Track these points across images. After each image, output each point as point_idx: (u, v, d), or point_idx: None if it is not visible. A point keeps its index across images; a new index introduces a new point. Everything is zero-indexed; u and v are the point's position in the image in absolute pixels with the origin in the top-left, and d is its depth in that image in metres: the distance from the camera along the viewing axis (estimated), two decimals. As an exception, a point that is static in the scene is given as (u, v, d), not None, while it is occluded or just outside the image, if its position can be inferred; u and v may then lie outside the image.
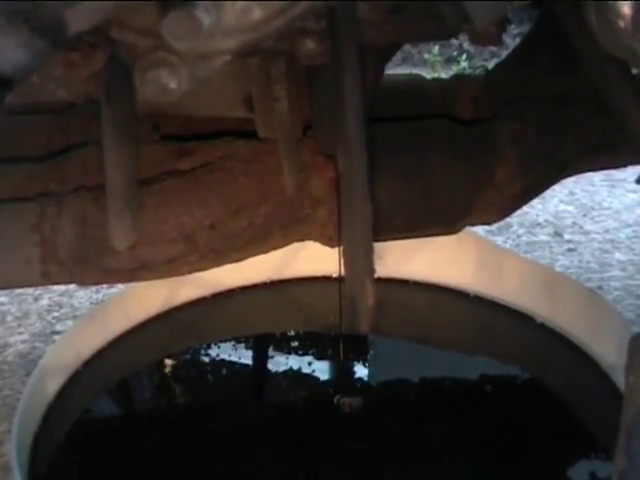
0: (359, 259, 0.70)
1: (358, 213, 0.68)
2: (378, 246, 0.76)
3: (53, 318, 1.60)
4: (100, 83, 0.71)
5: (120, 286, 1.43)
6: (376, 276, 0.70)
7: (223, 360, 1.16)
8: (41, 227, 0.85)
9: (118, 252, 0.86)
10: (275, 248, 0.93)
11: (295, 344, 1.19)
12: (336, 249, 0.95)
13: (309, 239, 0.94)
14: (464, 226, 0.97)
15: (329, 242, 0.93)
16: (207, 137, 0.90)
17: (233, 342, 1.21)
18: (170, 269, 0.89)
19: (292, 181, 0.86)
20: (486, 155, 0.93)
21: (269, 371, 1.14)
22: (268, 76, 0.73)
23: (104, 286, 1.65)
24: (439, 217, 0.94)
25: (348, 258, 0.72)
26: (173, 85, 0.54)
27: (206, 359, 1.16)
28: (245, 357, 1.18)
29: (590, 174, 1.93)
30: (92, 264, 0.87)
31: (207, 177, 0.88)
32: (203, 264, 0.90)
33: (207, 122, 0.90)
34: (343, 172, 0.67)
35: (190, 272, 0.91)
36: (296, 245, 1.07)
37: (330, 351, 1.17)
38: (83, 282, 0.91)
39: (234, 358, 1.17)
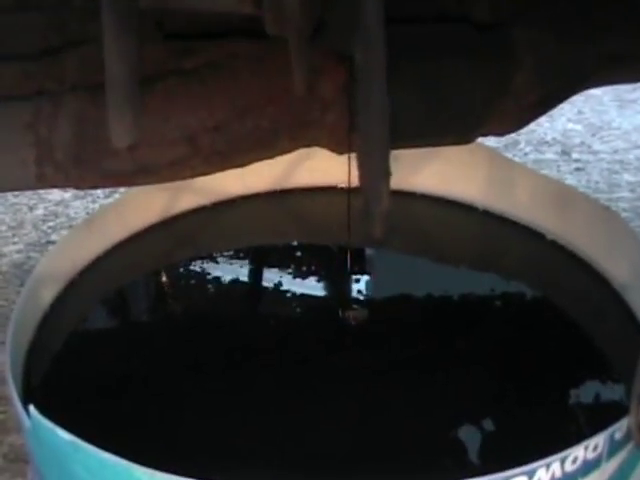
0: (374, 159, 0.67)
1: (376, 108, 0.65)
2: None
3: (48, 228, 1.57)
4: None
5: (117, 197, 1.40)
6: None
7: (223, 271, 1.13)
8: (36, 127, 0.82)
9: (118, 154, 0.82)
10: (282, 153, 0.89)
11: (298, 255, 1.16)
12: (343, 159, 0.93)
13: (317, 144, 0.90)
14: (478, 136, 0.94)
15: (337, 148, 0.90)
16: (212, 36, 0.86)
17: (234, 252, 1.17)
18: (172, 172, 0.85)
19: (301, 81, 0.82)
20: (503, 62, 0.89)
21: (271, 283, 1.11)
22: (277, -33, 0.69)
23: (101, 196, 1.63)
24: (452, 125, 0.90)
25: (362, 158, 0.69)
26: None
27: (206, 269, 1.13)
28: (246, 268, 1.15)
29: (599, 94, 1.92)
30: (90, 166, 0.83)
31: (212, 77, 0.84)
32: (206, 168, 0.86)
33: (212, 21, 0.86)
34: (360, 65, 0.64)
35: (193, 176, 0.88)
36: (301, 155, 1.04)
37: (335, 264, 1.13)
38: (80, 185, 0.87)
39: (235, 269, 1.14)
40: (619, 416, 0.76)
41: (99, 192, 1.65)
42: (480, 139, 0.97)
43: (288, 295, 1.09)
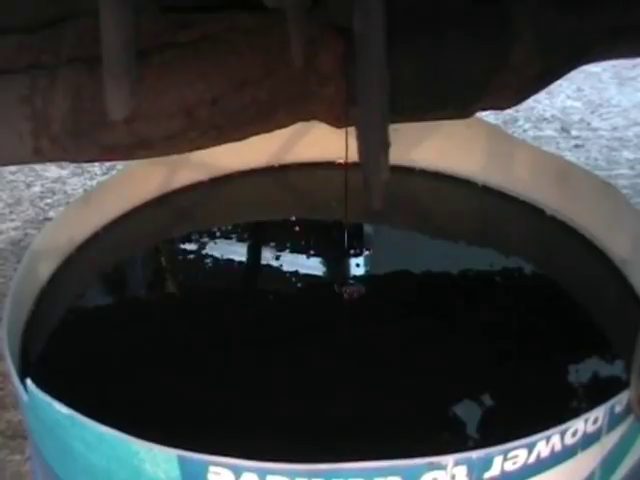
0: (373, 130, 0.66)
1: (375, 78, 0.64)
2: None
3: (46, 205, 1.57)
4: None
5: (115, 173, 1.39)
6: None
7: (221, 246, 1.13)
8: (32, 100, 0.81)
9: (114, 127, 0.82)
10: (280, 126, 0.89)
11: (297, 231, 1.15)
12: (341, 134, 0.92)
13: (315, 118, 0.90)
14: (477, 110, 0.93)
15: (336, 122, 0.89)
16: (210, 9, 0.85)
17: (232, 228, 1.17)
18: (169, 146, 0.85)
19: (299, 54, 0.81)
20: (502, 34, 0.88)
21: (268, 259, 1.10)
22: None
23: (98, 173, 1.62)
24: (451, 98, 0.90)
25: (361, 129, 0.68)
26: None
27: (204, 245, 1.12)
28: (244, 244, 1.15)
29: (599, 71, 1.91)
30: (87, 139, 0.83)
31: (209, 49, 0.83)
32: (204, 141, 0.86)
33: (209, -7, 0.86)
34: (359, 34, 0.63)
35: (190, 150, 0.87)
36: (298, 130, 1.03)
37: (333, 239, 1.13)
38: (77, 159, 0.87)
39: (233, 244, 1.14)
40: (619, 390, 0.76)
41: (97, 169, 1.65)
42: (479, 116, 0.96)
43: (286, 270, 1.08)
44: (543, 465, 0.74)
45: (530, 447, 0.72)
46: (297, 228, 1.16)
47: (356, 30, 0.64)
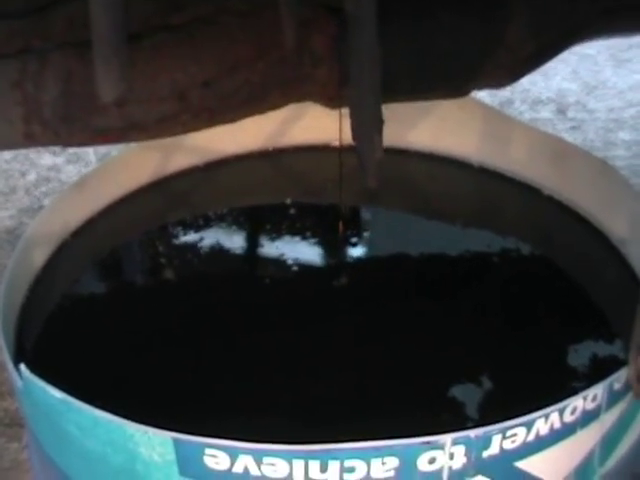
0: (367, 109, 0.66)
1: (367, 57, 0.64)
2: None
3: (41, 193, 1.56)
4: None
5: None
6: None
7: (217, 230, 1.12)
8: (23, 84, 0.80)
9: (106, 110, 0.81)
10: (273, 108, 0.88)
11: (292, 214, 1.14)
12: (336, 118, 0.92)
13: (308, 99, 0.89)
14: (472, 89, 0.93)
15: (329, 103, 0.88)
16: (200, -9, 0.85)
17: (227, 212, 1.16)
18: (162, 129, 0.84)
19: (291, 36, 0.81)
20: (496, 13, 0.88)
21: (264, 242, 1.10)
22: None
23: (93, 160, 1.61)
24: (446, 78, 0.89)
25: (355, 108, 0.68)
26: None
27: (200, 229, 1.12)
28: (240, 228, 1.14)
29: (594, 53, 1.91)
30: (79, 123, 0.82)
31: (201, 32, 0.83)
32: (197, 124, 0.85)
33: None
34: (350, 13, 0.63)
35: (183, 132, 0.86)
36: (293, 113, 1.03)
37: (329, 221, 1.12)
38: (70, 143, 0.86)
39: (229, 228, 1.13)
40: (618, 367, 0.76)
41: (91, 157, 1.64)
42: (474, 97, 0.96)
43: (282, 254, 1.08)
44: (542, 443, 0.73)
45: (529, 425, 0.72)
46: (293, 211, 1.16)
47: (348, 11, 0.63)
